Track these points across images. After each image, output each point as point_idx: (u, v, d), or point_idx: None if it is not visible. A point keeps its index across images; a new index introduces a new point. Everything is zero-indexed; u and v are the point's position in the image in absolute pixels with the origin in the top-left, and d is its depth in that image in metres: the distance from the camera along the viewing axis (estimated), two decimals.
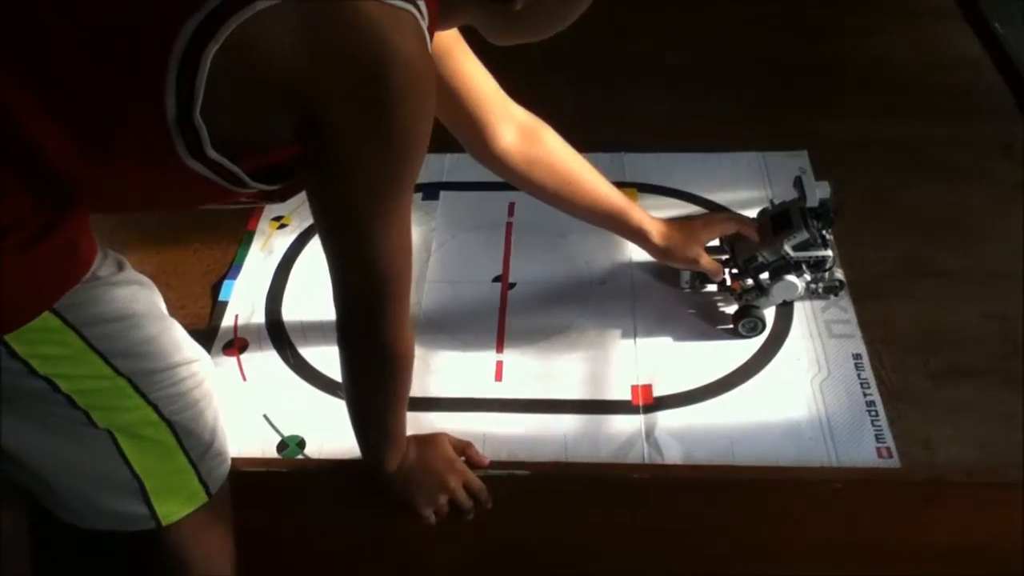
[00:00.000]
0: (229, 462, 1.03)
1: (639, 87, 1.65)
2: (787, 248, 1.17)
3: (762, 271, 1.20)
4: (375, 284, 0.88)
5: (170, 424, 0.93)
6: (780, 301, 1.21)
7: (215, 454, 1.00)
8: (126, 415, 0.91)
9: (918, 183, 1.43)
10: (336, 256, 0.88)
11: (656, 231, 1.20)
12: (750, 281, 1.21)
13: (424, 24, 0.79)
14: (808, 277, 1.19)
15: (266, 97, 0.76)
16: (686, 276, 1.27)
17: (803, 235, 1.16)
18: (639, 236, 1.21)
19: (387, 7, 0.75)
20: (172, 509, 0.97)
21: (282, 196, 0.88)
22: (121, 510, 0.95)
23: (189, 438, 0.95)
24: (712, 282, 1.26)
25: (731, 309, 1.23)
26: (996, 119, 1.56)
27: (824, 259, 1.18)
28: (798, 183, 1.18)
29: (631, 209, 1.20)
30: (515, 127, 1.13)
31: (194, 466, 0.97)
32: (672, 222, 1.23)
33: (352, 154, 0.79)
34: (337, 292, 0.90)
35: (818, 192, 1.16)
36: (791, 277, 1.18)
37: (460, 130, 1.12)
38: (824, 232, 1.18)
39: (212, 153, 0.77)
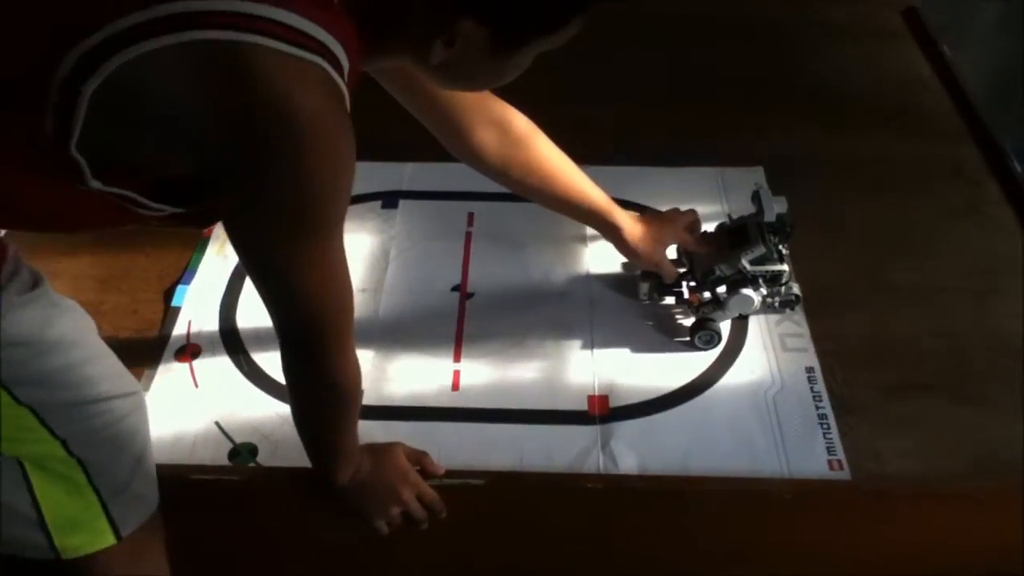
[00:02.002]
0: (154, 503, 0.97)
1: (594, 102, 1.66)
2: (744, 262, 1.18)
3: (719, 284, 1.21)
4: (309, 323, 0.84)
5: (81, 462, 0.88)
6: (736, 314, 1.22)
7: (132, 496, 0.94)
8: (33, 447, 0.86)
9: (868, 200, 1.46)
10: (265, 293, 0.84)
11: (628, 229, 1.21)
12: (707, 294, 1.22)
13: (338, 74, 0.74)
14: (764, 291, 1.21)
15: (157, 140, 0.73)
16: (644, 288, 1.28)
17: (760, 249, 1.17)
18: (612, 233, 1.22)
19: (290, 59, 0.70)
20: (74, 544, 0.92)
21: (200, 221, 0.84)
22: (19, 537, 0.90)
23: (101, 477, 0.90)
24: (669, 295, 1.27)
25: (688, 321, 1.24)
26: (945, 138, 1.59)
27: (780, 273, 1.20)
28: (756, 198, 1.20)
29: (606, 205, 1.20)
30: (491, 125, 1.12)
31: (104, 506, 0.92)
32: (644, 220, 1.23)
33: (257, 207, 0.75)
34: (275, 326, 0.86)
35: (776, 207, 1.18)
36: (747, 291, 1.19)
37: (436, 130, 1.11)
38: (780, 247, 1.20)
39: (94, 184, 0.73)
